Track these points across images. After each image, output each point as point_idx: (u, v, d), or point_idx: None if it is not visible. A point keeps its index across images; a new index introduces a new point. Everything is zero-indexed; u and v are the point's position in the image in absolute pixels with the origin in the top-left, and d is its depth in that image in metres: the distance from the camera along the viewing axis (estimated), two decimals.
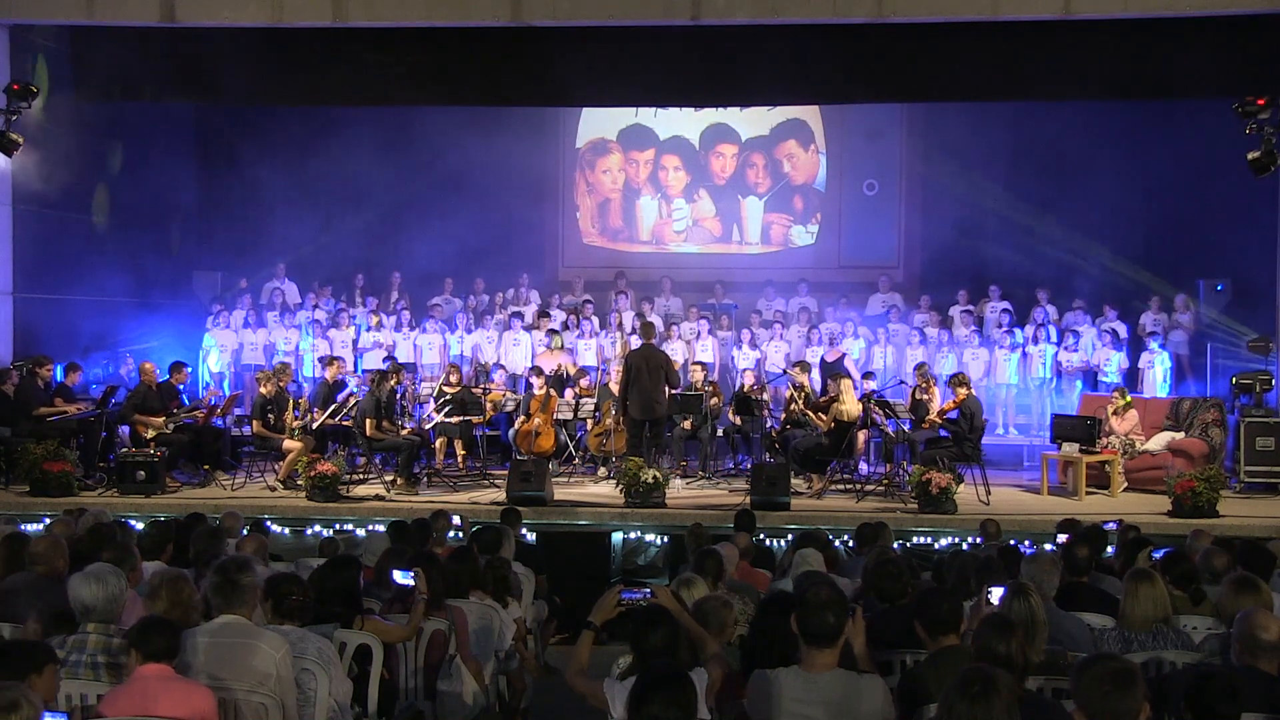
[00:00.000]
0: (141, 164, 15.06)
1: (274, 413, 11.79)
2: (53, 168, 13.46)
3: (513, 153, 16.58)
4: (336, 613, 5.11)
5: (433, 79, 13.26)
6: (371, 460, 11.94)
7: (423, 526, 7.76)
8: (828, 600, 3.96)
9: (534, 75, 12.92)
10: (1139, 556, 6.65)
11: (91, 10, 12.35)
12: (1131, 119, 15.21)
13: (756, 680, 4.00)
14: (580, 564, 9.82)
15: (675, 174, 17.89)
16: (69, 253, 14.13)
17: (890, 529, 8.19)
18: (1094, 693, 3.25)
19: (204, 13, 12.28)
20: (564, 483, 12.01)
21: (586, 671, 4.34)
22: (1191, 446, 11.66)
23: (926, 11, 11.79)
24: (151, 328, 14.73)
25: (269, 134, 16.74)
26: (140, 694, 3.98)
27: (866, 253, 17.48)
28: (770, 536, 9.78)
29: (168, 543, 6.60)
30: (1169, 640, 4.99)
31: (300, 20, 12.28)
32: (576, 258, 18.00)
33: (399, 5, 12.22)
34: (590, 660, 4.42)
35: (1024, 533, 9.74)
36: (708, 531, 8.54)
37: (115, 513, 8.54)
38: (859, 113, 17.16)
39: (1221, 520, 10.03)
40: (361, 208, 17.05)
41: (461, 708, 5.61)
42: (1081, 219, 15.77)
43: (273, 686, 4.31)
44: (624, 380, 11.82)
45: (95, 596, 4.40)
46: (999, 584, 4.90)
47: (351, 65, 12.96)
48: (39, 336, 13.40)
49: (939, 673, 4.02)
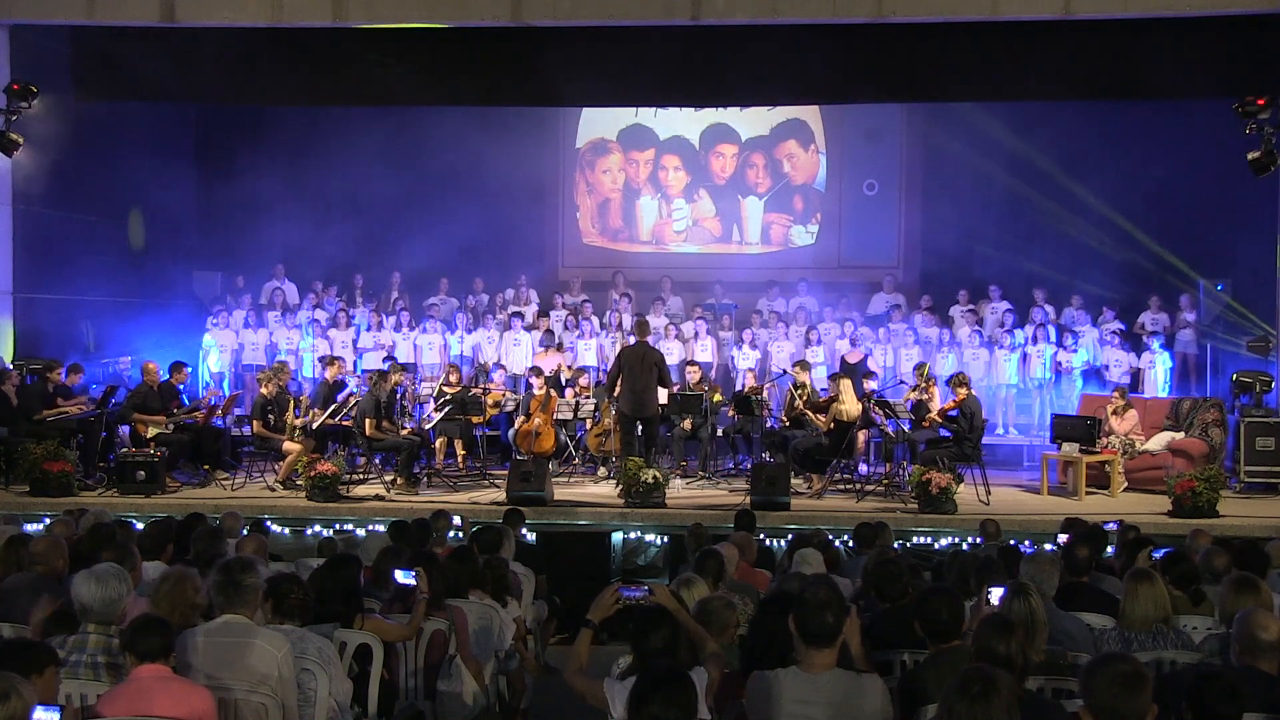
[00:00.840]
0: (141, 164, 15.05)
1: (274, 413, 11.79)
2: (53, 168, 13.46)
3: (513, 153, 16.56)
4: (337, 611, 5.10)
5: (433, 79, 13.26)
6: (371, 460, 11.94)
7: (423, 526, 7.77)
8: (826, 600, 3.95)
9: (534, 75, 12.90)
10: (1139, 556, 6.65)
11: (91, 10, 12.35)
12: (1131, 119, 15.20)
13: (756, 681, 3.99)
14: (580, 564, 9.82)
15: (675, 174, 17.89)
16: (69, 253, 14.13)
17: (890, 529, 8.20)
18: (1104, 694, 3.26)
19: (204, 13, 12.28)
20: (564, 483, 12.02)
21: (585, 670, 4.34)
22: (1191, 446, 11.67)
23: (926, 11, 11.79)
24: (151, 328, 14.73)
25: (269, 134, 16.74)
26: (138, 694, 3.97)
27: (866, 253, 17.49)
28: (770, 536, 9.78)
29: (168, 543, 6.61)
30: (1169, 640, 4.99)
31: (300, 20, 12.28)
32: (576, 258, 17.99)
33: (399, 5, 12.22)
34: (590, 660, 4.41)
35: (1024, 533, 9.75)
36: (708, 531, 8.54)
37: (115, 513, 8.55)
38: (859, 113, 17.16)
39: (1221, 520, 10.05)
40: (361, 208, 17.04)
41: (461, 708, 5.61)
42: (1081, 219, 15.76)
43: (273, 686, 4.31)
44: (613, 372, 11.79)
45: (93, 596, 4.39)
46: (999, 584, 4.90)
47: (351, 65, 12.97)
48: (39, 337, 13.40)
49: (939, 673, 4.01)
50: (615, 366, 11.78)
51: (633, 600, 4.40)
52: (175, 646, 4.18)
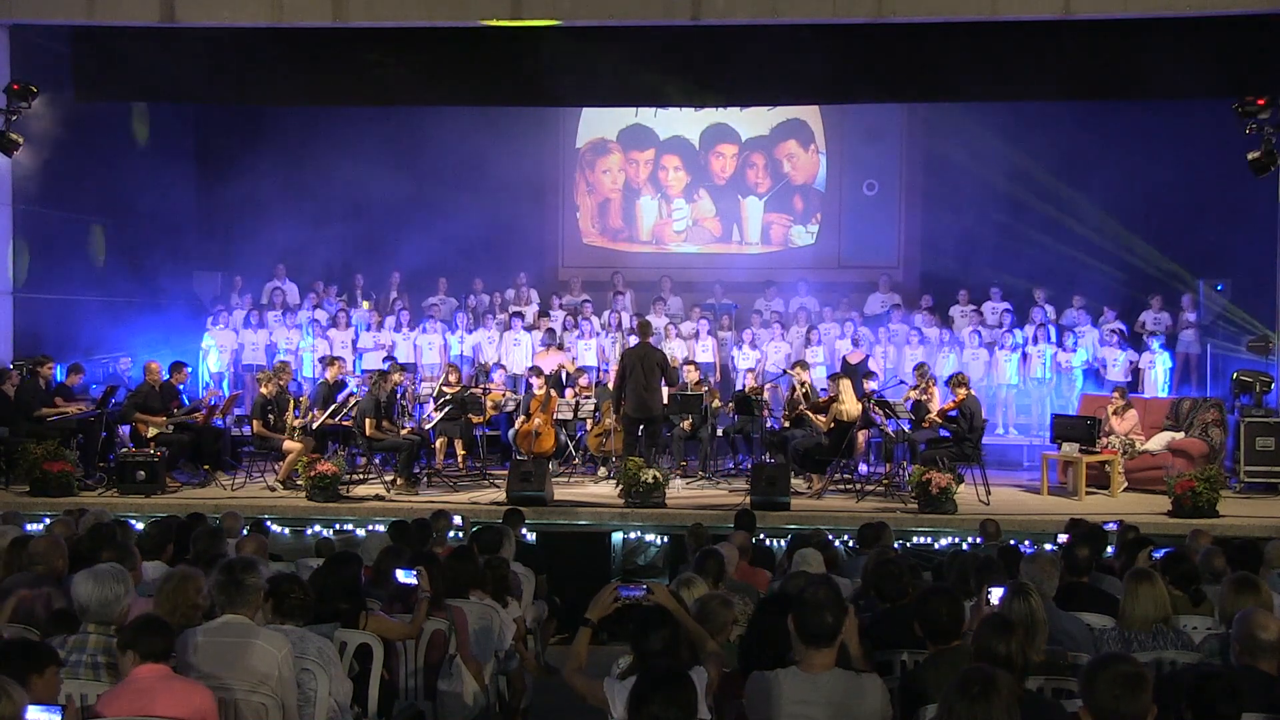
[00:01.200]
0: (141, 164, 15.05)
1: (274, 413, 11.79)
2: (53, 168, 13.46)
3: (513, 153, 16.57)
4: (339, 610, 5.10)
5: (433, 79, 13.26)
6: (371, 460, 11.94)
7: (423, 526, 7.77)
8: (825, 600, 3.95)
9: (534, 75, 12.91)
10: (1139, 556, 6.65)
11: (91, 10, 12.35)
12: (1131, 119, 15.20)
13: (755, 682, 3.99)
14: (580, 564, 9.81)
15: (675, 174, 17.89)
16: (69, 253, 14.13)
17: (891, 529, 8.19)
18: (1104, 695, 3.27)
19: (204, 13, 12.28)
20: (564, 483, 12.02)
21: (585, 669, 4.34)
22: (1191, 446, 11.66)
23: (926, 11, 11.79)
24: (151, 328, 14.72)
25: (269, 133, 16.75)
26: (139, 694, 3.97)
27: (866, 253, 17.48)
28: (770, 536, 9.78)
29: (168, 543, 6.61)
30: (1169, 640, 4.99)
31: (300, 20, 12.28)
32: (576, 258, 17.99)
33: (399, 5, 12.22)
34: (590, 660, 4.41)
35: (1024, 533, 9.75)
36: (708, 531, 8.54)
37: (115, 513, 8.54)
38: (859, 113, 17.16)
39: (1221, 520, 10.05)
40: (361, 207, 17.03)
41: (461, 708, 5.61)
42: (1081, 219, 15.75)
43: (273, 686, 4.31)
44: (619, 376, 11.80)
45: (90, 596, 4.39)
46: (999, 584, 4.90)
47: (351, 65, 12.97)
48: (39, 336, 13.40)
49: (939, 673, 4.01)
50: (619, 371, 11.80)
51: (631, 600, 4.39)
52: (175, 646, 4.18)
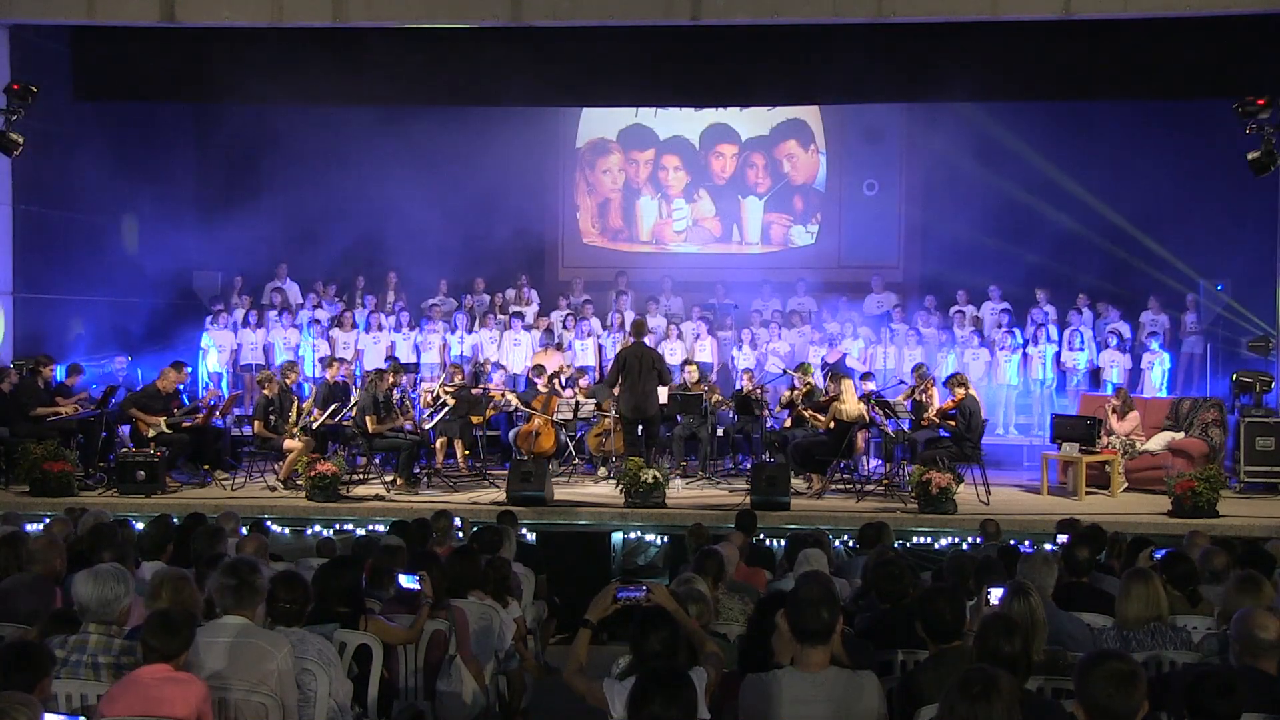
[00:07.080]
0: (141, 163, 15.04)
1: (275, 413, 11.79)
2: (53, 167, 13.45)
3: (513, 153, 16.57)
4: (340, 613, 5.10)
5: (433, 79, 13.26)
6: (371, 460, 11.94)
7: (423, 526, 7.77)
8: (820, 597, 3.96)
9: (534, 75, 12.91)
10: (1140, 556, 6.65)
11: (91, 10, 12.36)
12: (1131, 119, 15.20)
13: (751, 685, 3.97)
14: (580, 564, 9.81)
15: (675, 174, 17.89)
16: (69, 253, 14.12)
17: (891, 529, 8.19)
18: (1097, 692, 3.27)
19: (204, 13, 12.29)
20: (564, 483, 12.02)
21: (584, 669, 4.33)
22: (1191, 446, 11.66)
23: (926, 11, 11.79)
24: (151, 328, 14.71)
25: (268, 133, 16.72)
26: (139, 694, 3.97)
27: (866, 253, 17.46)
28: (770, 536, 9.78)
29: (168, 543, 6.60)
30: (1168, 639, 4.99)
31: (300, 20, 12.29)
32: (576, 258, 17.98)
33: (399, 5, 12.23)
34: (590, 660, 4.41)
35: (1024, 533, 9.74)
36: (708, 531, 8.54)
37: (115, 513, 8.54)
38: (859, 113, 17.15)
39: (1221, 520, 10.04)
40: (361, 207, 17.00)
41: (461, 708, 5.61)
42: (1081, 219, 15.75)
43: (273, 686, 4.30)
44: (613, 372, 11.78)
45: (89, 596, 4.39)
46: (999, 584, 4.90)
47: (351, 65, 12.97)
48: (39, 336, 13.40)
49: (940, 673, 4.01)
50: (615, 367, 11.78)
51: (630, 600, 4.39)
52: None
